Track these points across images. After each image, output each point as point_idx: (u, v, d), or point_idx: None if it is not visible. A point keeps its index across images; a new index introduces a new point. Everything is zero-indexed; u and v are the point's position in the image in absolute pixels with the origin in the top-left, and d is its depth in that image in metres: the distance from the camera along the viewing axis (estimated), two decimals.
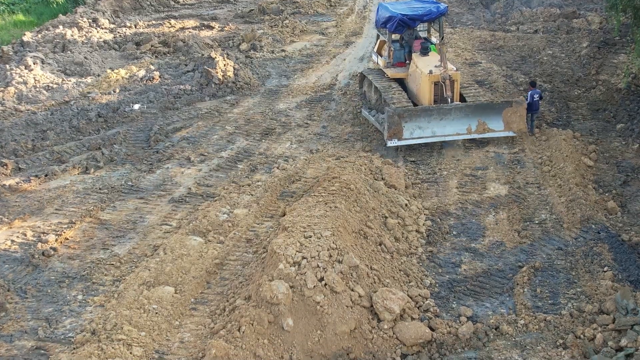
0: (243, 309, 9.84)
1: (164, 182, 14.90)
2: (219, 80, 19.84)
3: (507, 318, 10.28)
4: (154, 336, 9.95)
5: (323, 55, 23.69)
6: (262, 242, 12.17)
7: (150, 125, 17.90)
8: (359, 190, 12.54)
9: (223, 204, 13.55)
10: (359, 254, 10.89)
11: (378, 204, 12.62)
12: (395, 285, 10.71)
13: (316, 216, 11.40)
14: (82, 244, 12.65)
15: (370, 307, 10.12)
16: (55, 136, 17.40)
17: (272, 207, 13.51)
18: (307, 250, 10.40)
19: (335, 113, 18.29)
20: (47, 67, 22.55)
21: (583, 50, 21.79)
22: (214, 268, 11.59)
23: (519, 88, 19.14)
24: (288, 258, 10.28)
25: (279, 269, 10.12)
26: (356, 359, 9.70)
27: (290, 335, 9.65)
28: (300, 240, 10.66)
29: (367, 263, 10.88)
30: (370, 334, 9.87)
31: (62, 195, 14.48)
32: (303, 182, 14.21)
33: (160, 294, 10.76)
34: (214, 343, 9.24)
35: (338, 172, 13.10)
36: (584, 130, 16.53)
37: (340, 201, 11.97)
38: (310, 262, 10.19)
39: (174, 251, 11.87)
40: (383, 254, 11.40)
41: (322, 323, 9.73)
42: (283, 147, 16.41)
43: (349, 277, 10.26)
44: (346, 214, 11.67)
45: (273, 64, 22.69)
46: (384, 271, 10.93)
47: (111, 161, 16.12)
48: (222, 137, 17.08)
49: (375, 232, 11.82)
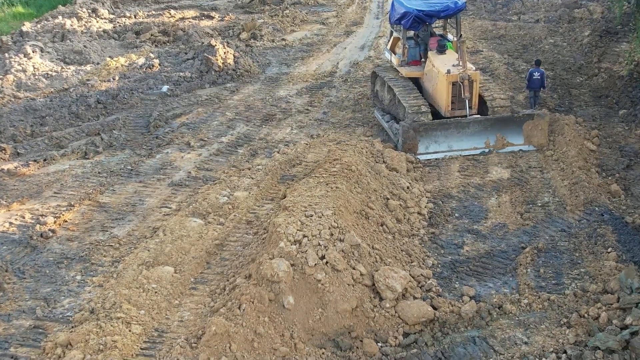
0: (243, 287, 9.72)
1: (163, 167, 14.78)
2: (218, 67, 19.71)
3: (510, 297, 10.17)
4: (153, 315, 9.84)
5: (324, 44, 23.57)
6: (262, 224, 12.05)
7: (150, 111, 17.78)
8: (360, 172, 12.43)
9: (223, 187, 13.44)
10: (360, 234, 10.78)
11: (379, 186, 12.51)
12: (397, 265, 10.60)
13: (317, 196, 11.29)
14: (81, 226, 12.53)
15: (372, 285, 10.01)
16: (54, 122, 17.27)
17: (272, 190, 13.40)
18: (308, 229, 10.28)
19: (336, 100, 18.17)
20: (46, 55, 22.40)
21: (585, 39, 21.66)
22: (214, 249, 11.48)
23: (521, 75, 19.04)
24: (289, 236, 10.16)
25: (280, 247, 10.01)
26: (358, 337, 9.59)
27: (291, 313, 9.53)
28: (301, 219, 10.55)
29: (369, 242, 10.77)
30: (372, 313, 9.75)
31: (60, 179, 14.35)
32: (304, 166, 14.10)
33: (159, 273, 10.64)
34: (214, 320, 9.11)
35: (339, 154, 12.98)
36: (586, 116, 16.42)
37: (342, 182, 11.85)
38: (311, 241, 10.07)
39: (174, 232, 11.76)
40: (385, 234, 11.29)
41: (323, 301, 9.62)
42: (283, 132, 16.29)
43: (351, 255, 10.15)
44: (347, 195, 11.55)
45: (273, 53, 22.58)
46: (385, 251, 10.82)
47: (110, 146, 16.00)
48: (222, 123, 16.96)
49: (377, 213, 11.70)
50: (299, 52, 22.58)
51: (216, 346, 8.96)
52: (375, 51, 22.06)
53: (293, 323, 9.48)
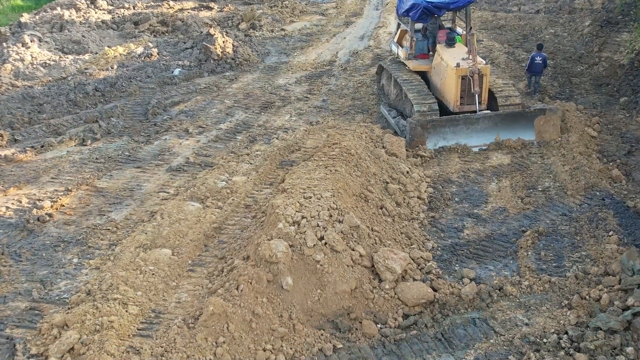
0: (241, 268, 9.62)
1: (161, 153, 14.67)
2: (217, 56, 19.60)
3: (510, 280, 10.07)
4: (151, 296, 9.74)
5: (323, 34, 23.46)
6: (261, 208, 11.95)
7: (148, 99, 17.67)
8: (360, 156, 12.33)
9: (222, 171, 13.34)
10: (359, 216, 10.68)
11: (379, 170, 12.41)
12: (397, 247, 10.50)
13: (316, 179, 11.19)
14: (78, 211, 12.43)
15: (371, 267, 9.91)
16: (52, 109, 17.17)
17: (271, 175, 13.29)
18: (307, 210, 10.19)
19: (336, 88, 18.07)
20: (45, 45, 22.32)
21: (585, 29, 21.55)
22: (212, 232, 11.38)
23: (521, 64, 18.94)
24: (287, 217, 10.07)
25: (278, 228, 9.91)
26: (357, 319, 9.50)
27: (290, 294, 9.44)
28: (300, 200, 10.45)
29: (368, 225, 10.67)
30: (371, 294, 9.66)
31: (58, 165, 14.25)
32: (303, 152, 13.99)
33: (157, 256, 10.55)
34: (212, 300, 9.02)
35: (338, 139, 12.88)
36: (587, 104, 16.32)
37: (341, 165, 11.76)
38: (310, 222, 9.98)
39: (172, 216, 11.66)
40: (384, 217, 11.19)
41: (322, 282, 9.52)
42: (282, 119, 16.18)
43: (350, 236, 10.05)
44: (346, 177, 11.45)
45: (272, 42, 22.46)
46: (385, 233, 10.72)
47: (108, 133, 15.89)
48: (221, 111, 16.85)
49: (376, 196, 11.60)
50: (298, 42, 22.46)
51: (214, 326, 8.88)
52: (375, 41, 21.95)
53: (291, 304, 9.38)
